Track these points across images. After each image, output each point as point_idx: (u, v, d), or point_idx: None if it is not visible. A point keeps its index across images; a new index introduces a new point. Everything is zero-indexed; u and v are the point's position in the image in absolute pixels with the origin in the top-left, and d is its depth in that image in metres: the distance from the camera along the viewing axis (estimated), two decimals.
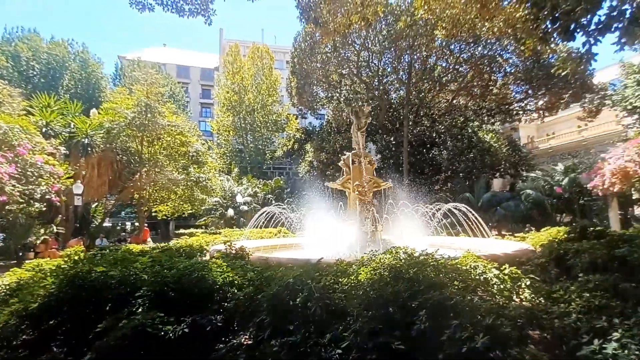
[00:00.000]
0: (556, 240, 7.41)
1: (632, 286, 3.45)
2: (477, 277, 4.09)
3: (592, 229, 7.12)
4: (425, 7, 11.75)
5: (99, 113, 16.38)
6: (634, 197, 16.81)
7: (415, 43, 22.59)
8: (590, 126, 28.78)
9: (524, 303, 3.80)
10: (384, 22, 22.90)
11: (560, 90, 23.95)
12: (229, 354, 2.43)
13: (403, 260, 3.70)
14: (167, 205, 19.74)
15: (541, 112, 26.94)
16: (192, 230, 22.75)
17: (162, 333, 2.78)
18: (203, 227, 24.71)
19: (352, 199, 10.55)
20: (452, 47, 24.53)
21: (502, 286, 3.94)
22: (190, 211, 20.59)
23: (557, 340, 3.13)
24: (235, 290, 3.72)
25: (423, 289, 2.91)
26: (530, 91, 25.63)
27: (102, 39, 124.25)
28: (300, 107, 28.32)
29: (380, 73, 25.81)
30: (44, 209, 12.08)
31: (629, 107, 18.14)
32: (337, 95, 27.20)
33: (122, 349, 2.70)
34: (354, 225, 9.79)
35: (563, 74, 17.90)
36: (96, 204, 18.69)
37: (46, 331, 3.59)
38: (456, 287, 3.29)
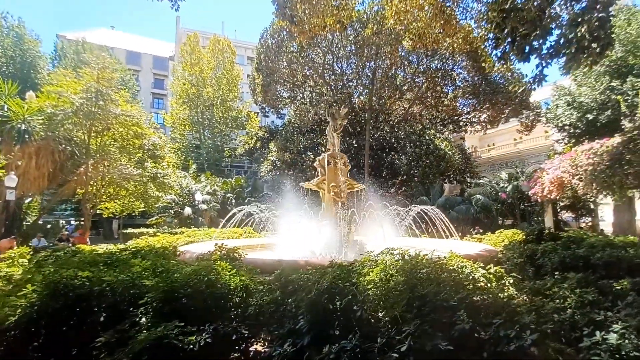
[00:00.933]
0: (517, 241, 8.17)
1: (609, 282, 3.91)
2: (467, 276, 4.35)
3: (546, 232, 7.95)
4: (395, 17, 12.32)
5: (37, 96, 14.42)
6: (562, 204, 19.22)
7: (380, 51, 23.42)
8: (525, 139, 32.44)
9: (513, 300, 4.12)
10: (350, 29, 23.39)
11: (502, 106, 26.56)
12: None
13: (404, 262, 3.78)
14: (115, 202, 18.03)
15: (484, 124, 29.55)
16: (142, 229, 21.04)
17: (184, 345, 2.51)
18: (154, 226, 22.98)
19: (327, 200, 10.60)
20: (411, 58, 25.93)
21: (489, 285, 4.23)
22: (142, 209, 19.02)
23: (555, 334, 3.44)
24: (244, 295, 3.52)
25: (449, 290, 3.02)
26: (476, 105, 28.00)
27: (36, 15, 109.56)
28: (263, 105, 27.74)
29: (345, 77, 26.30)
30: None
31: (560, 124, 20.61)
32: (301, 95, 27.14)
33: None
34: (328, 226, 9.83)
35: (520, 90, 19.91)
36: (30, 199, 16.40)
37: (19, 348, 3.06)
38: (469, 287, 3.46)
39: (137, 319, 2.99)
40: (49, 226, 21.65)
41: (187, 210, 20.63)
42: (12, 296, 2.89)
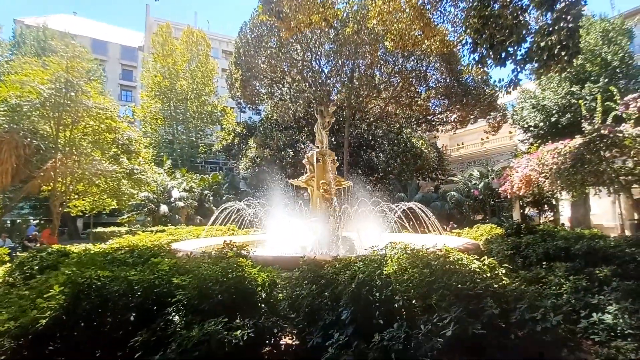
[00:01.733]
0: (497, 235, 8.76)
1: (592, 270, 4.37)
2: (463, 267, 4.68)
3: (523, 226, 8.58)
4: (379, 18, 12.66)
5: None
6: (526, 200, 20.64)
7: (359, 50, 23.77)
8: (491, 139, 34.35)
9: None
10: (331, 27, 23.49)
11: (471, 107, 27.93)
12: (335, 354, 2.37)
13: (408, 255, 3.99)
14: (84, 199, 17.05)
15: (454, 124, 30.95)
16: (112, 228, 20.04)
17: (233, 339, 2.56)
18: (125, 225, 21.94)
19: (315, 197, 10.71)
20: (388, 58, 26.55)
21: (483, 275, 4.58)
22: (113, 207, 18.12)
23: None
24: (270, 290, 3.58)
25: (469, 279, 3.27)
26: (448, 105, 29.24)
27: None
28: (240, 101, 27.24)
29: (323, 75, 26.43)
30: None
31: (525, 125, 22.05)
32: (280, 91, 26.94)
33: None
34: (319, 223, 9.97)
35: (488, 92, 21.02)
36: None
37: (42, 351, 2.94)
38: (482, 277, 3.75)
39: (171, 317, 2.98)
40: (6, 225, 20.02)
41: (164, 208, 19.88)
42: (39, 298, 2.77)
